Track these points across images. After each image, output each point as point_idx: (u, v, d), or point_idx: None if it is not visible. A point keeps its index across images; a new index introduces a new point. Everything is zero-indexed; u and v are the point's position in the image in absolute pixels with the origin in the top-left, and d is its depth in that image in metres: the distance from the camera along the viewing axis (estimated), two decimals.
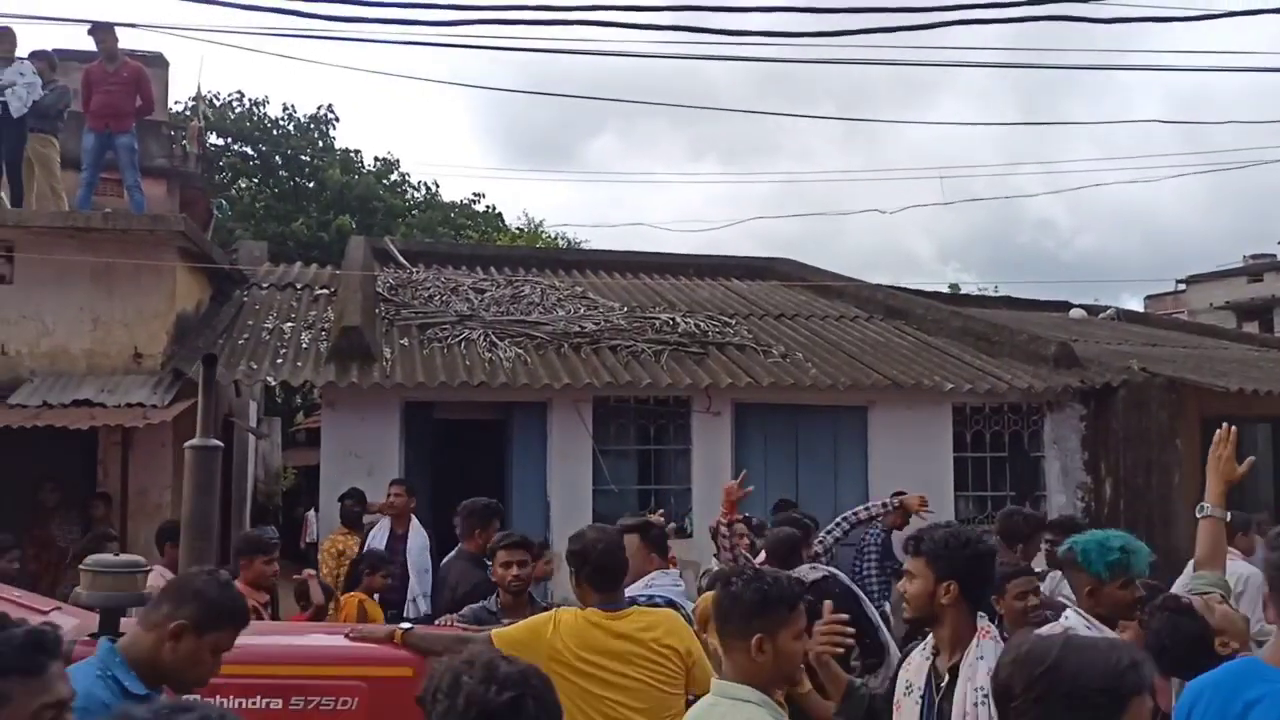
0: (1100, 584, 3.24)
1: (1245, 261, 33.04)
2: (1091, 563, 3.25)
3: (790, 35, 6.63)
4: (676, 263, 13.90)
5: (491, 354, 9.31)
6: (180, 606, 2.47)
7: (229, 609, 2.53)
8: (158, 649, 2.45)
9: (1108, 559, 3.24)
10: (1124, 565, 3.24)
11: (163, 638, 2.44)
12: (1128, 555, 3.26)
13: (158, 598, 2.58)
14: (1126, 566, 3.25)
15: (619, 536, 3.74)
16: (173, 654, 2.44)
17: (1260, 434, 11.59)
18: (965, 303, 14.49)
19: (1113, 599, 3.25)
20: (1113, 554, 3.25)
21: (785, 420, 9.59)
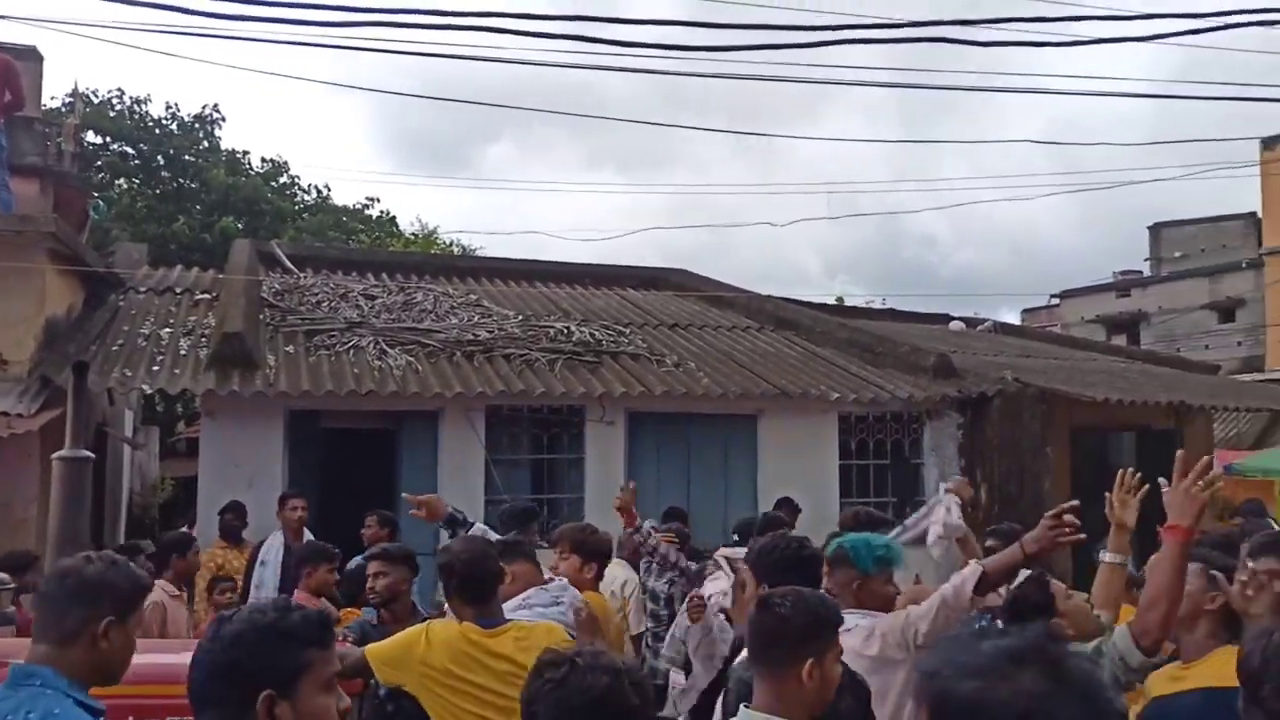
0: (867, 578, 3.43)
1: (1114, 277, 34.70)
2: (860, 559, 3.44)
3: (683, 49, 6.72)
4: (572, 272, 13.93)
5: (381, 362, 9.17)
6: (95, 605, 2.33)
7: (138, 584, 2.44)
8: (91, 655, 2.32)
9: (875, 554, 3.46)
10: (888, 561, 3.48)
11: (93, 642, 2.31)
12: (891, 552, 3.50)
13: (55, 606, 2.37)
14: (890, 562, 3.48)
15: (486, 546, 3.65)
16: (109, 652, 2.34)
17: (1125, 442, 12.22)
18: (852, 314, 14.88)
19: (879, 593, 3.47)
20: (879, 550, 3.48)
21: (677, 429, 9.70)
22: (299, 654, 1.89)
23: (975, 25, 7.35)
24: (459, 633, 3.36)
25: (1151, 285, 32.65)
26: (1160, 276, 32.59)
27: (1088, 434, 10.98)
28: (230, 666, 1.88)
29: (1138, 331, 31.59)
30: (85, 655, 2.31)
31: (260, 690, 1.84)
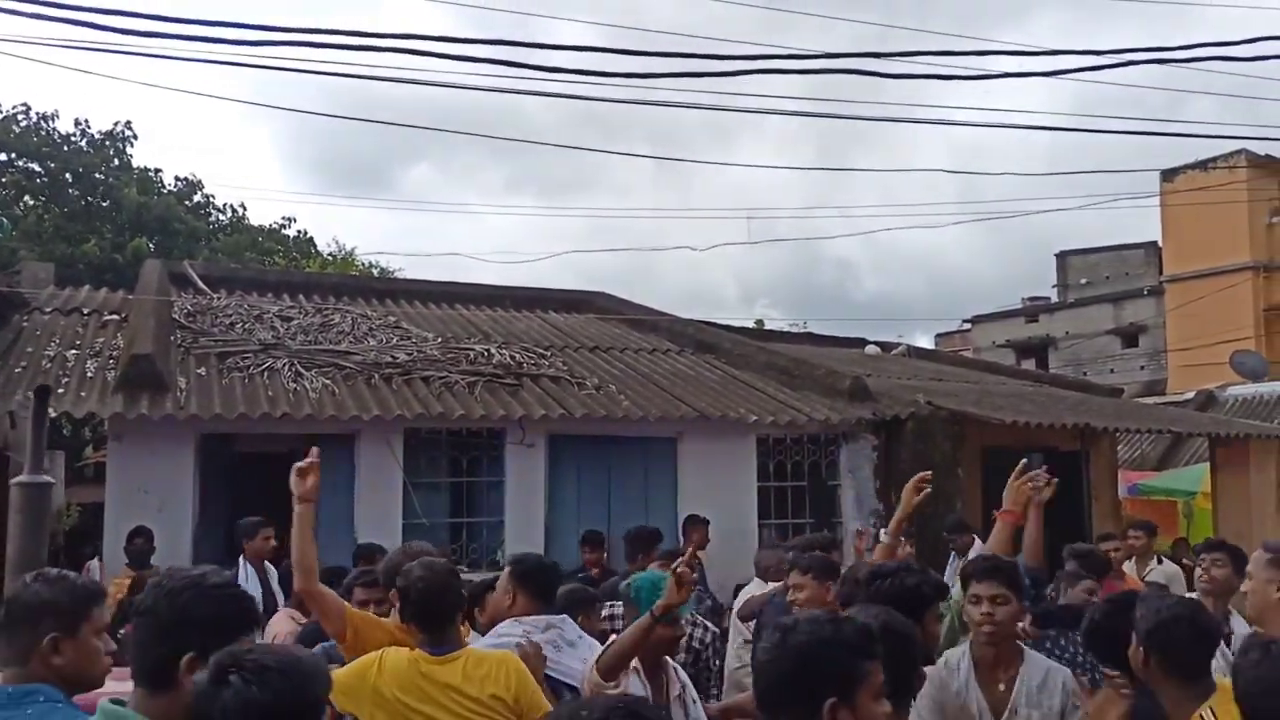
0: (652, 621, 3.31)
1: (1023, 303, 35.82)
2: (642, 601, 3.38)
3: (604, 75, 6.79)
4: (493, 294, 13.89)
5: (297, 384, 9.03)
6: (36, 625, 2.26)
7: (82, 595, 2.33)
8: (48, 672, 2.25)
9: (657, 597, 3.33)
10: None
11: (45, 660, 2.24)
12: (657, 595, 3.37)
13: (6, 631, 2.30)
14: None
15: (448, 574, 3.46)
16: (67, 666, 2.25)
17: (1034, 463, 12.58)
18: (771, 338, 15.09)
19: (658, 636, 3.35)
20: (661, 593, 3.33)
21: (598, 451, 9.72)
22: (858, 664, 2.01)
23: (888, 58, 7.59)
24: (409, 660, 3.29)
25: (1058, 311, 33.74)
26: (1067, 303, 33.70)
27: (998, 455, 11.26)
28: (798, 675, 2.00)
29: (1046, 356, 32.60)
30: (45, 675, 2.26)
31: (825, 698, 1.96)
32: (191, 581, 2.15)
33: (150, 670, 2.08)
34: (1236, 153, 26.45)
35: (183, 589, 2.13)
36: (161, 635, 2.09)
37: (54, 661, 2.26)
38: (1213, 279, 26.76)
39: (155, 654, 2.08)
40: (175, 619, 2.09)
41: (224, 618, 2.12)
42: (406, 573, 3.42)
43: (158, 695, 2.06)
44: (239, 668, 1.82)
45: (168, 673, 2.05)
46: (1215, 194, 25.96)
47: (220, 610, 2.13)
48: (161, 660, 2.06)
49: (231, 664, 1.84)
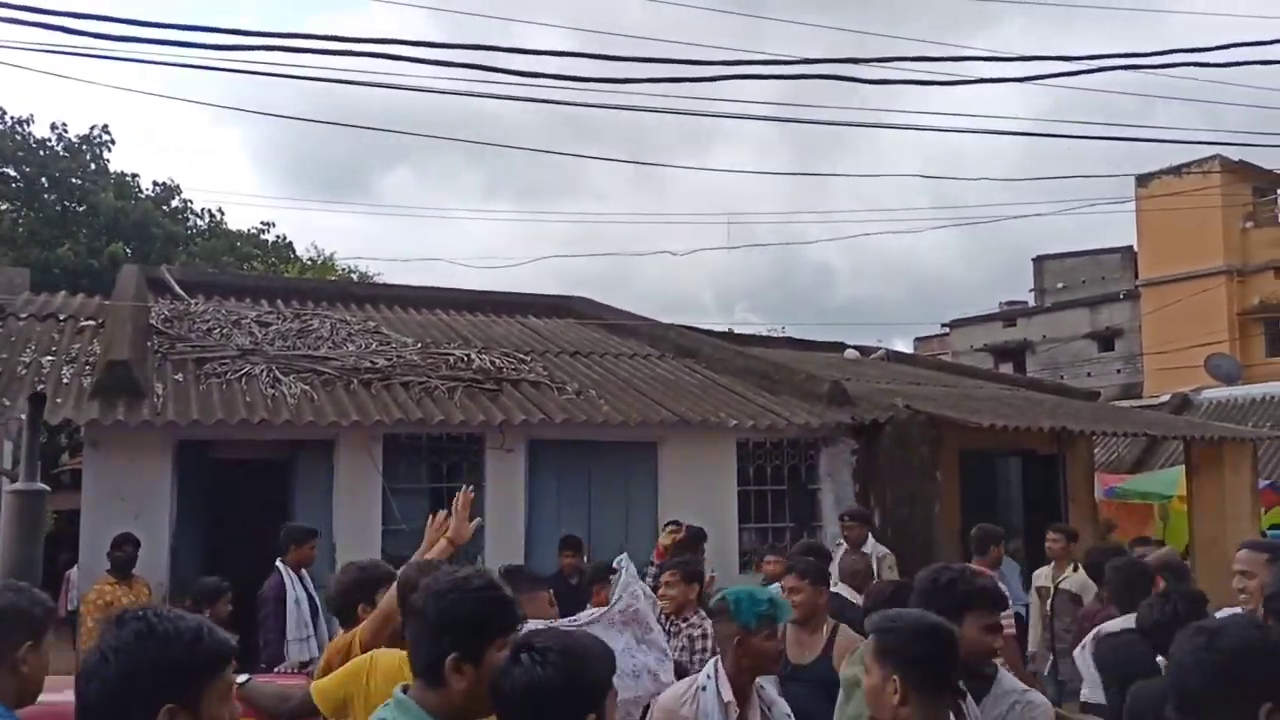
0: (748, 634, 3.32)
1: (1000, 307, 36.10)
2: (741, 613, 3.32)
3: (582, 80, 6.81)
4: (473, 299, 13.89)
5: (275, 390, 8.99)
6: (11, 634, 2.38)
7: (46, 608, 2.47)
8: (15, 681, 2.37)
9: (757, 610, 3.34)
10: (771, 617, 3.36)
11: (14, 668, 2.37)
12: (775, 608, 3.39)
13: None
14: (774, 618, 3.37)
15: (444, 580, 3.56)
16: (29, 676, 2.38)
17: (1011, 466, 12.68)
18: (750, 343, 15.13)
19: (759, 649, 3.34)
20: (762, 605, 3.35)
21: (578, 456, 9.72)
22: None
23: (864, 64, 7.63)
24: (400, 661, 3.29)
25: (1035, 315, 34.03)
26: (1044, 307, 33.99)
27: (976, 459, 11.36)
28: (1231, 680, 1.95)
29: (1023, 359, 32.85)
30: (9, 682, 2.36)
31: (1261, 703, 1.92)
32: (456, 584, 2.22)
33: (424, 667, 2.20)
34: (1210, 158, 26.78)
35: (447, 591, 2.21)
36: (429, 635, 2.19)
37: (22, 670, 2.37)
38: (1188, 283, 27.08)
39: (425, 653, 2.20)
40: (441, 620, 2.18)
41: (486, 618, 2.19)
42: (404, 571, 3.46)
43: (433, 689, 2.18)
44: (529, 649, 2.03)
45: (437, 670, 2.16)
46: (1190, 199, 26.26)
47: (482, 611, 2.20)
48: (431, 659, 2.17)
49: (524, 645, 2.05)
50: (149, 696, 1.72)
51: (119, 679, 1.73)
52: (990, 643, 2.95)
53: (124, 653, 1.74)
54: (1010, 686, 3.03)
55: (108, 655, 1.75)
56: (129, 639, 1.76)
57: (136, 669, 1.73)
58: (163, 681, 1.74)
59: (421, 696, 2.19)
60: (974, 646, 2.88)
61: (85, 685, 1.76)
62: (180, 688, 1.75)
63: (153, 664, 1.74)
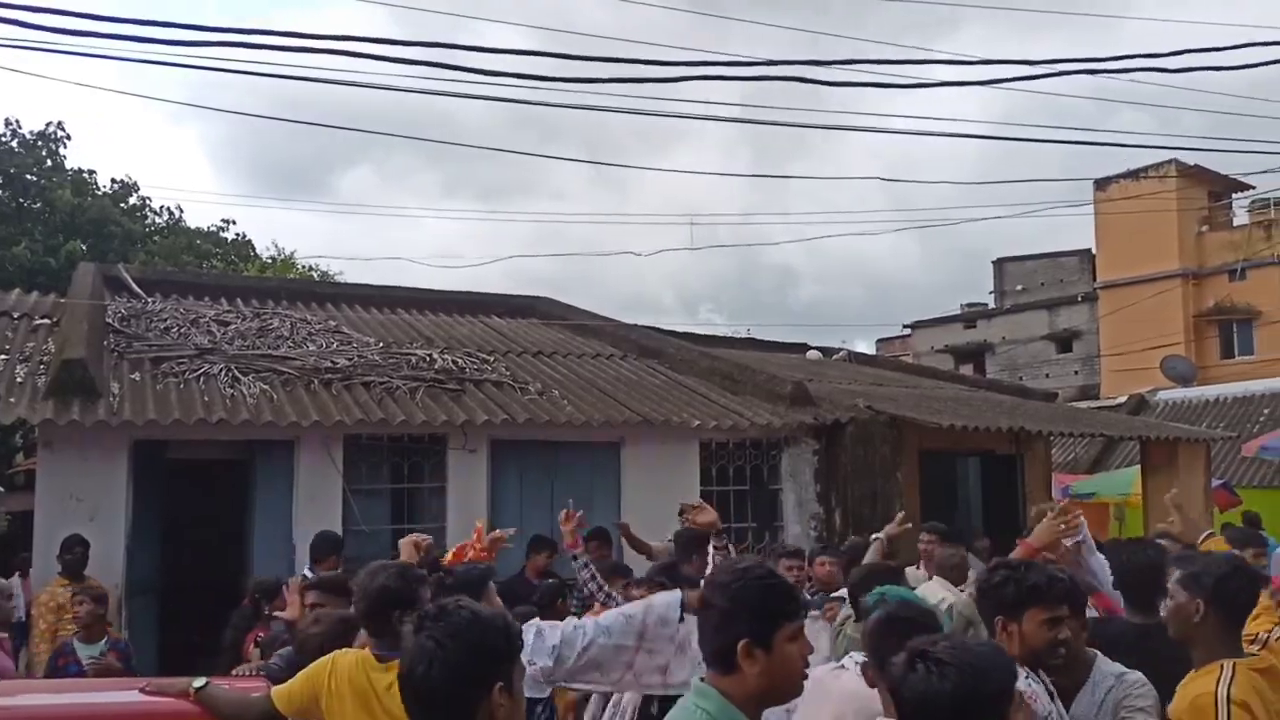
0: None
1: (961, 309, 36.50)
2: None
3: (541, 79, 6.81)
4: (435, 299, 13.82)
5: (234, 390, 8.89)
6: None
7: None
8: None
9: None
10: None
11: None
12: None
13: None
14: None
15: (403, 573, 3.51)
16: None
17: (971, 466, 12.83)
18: (713, 343, 15.19)
19: None
20: None
21: (541, 456, 9.70)
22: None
23: (827, 66, 7.69)
24: (357, 660, 3.33)
25: (995, 317, 34.44)
26: (1003, 309, 34.40)
27: (936, 458, 11.48)
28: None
29: (983, 361, 33.24)
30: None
31: None
32: (739, 574, 2.33)
33: (716, 655, 2.28)
34: (1167, 162, 27.26)
35: (732, 581, 2.31)
36: (720, 624, 2.27)
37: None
38: (1144, 286, 27.53)
39: (716, 641, 2.28)
40: (731, 608, 2.27)
41: (773, 603, 2.28)
42: (366, 571, 3.49)
43: (727, 675, 2.25)
44: (925, 658, 2.06)
45: (729, 656, 2.23)
46: (1146, 203, 26.71)
47: (765, 598, 2.28)
48: (723, 645, 2.25)
49: (920, 653, 2.09)
50: (482, 676, 1.97)
51: (455, 662, 1.96)
52: (1052, 635, 2.97)
53: (457, 639, 1.97)
54: (1109, 670, 3.12)
55: (441, 641, 1.97)
56: (461, 626, 2.00)
57: (471, 653, 1.97)
58: (492, 663, 1.99)
59: (716, 683, 2.27)
60: (1033, 641, 2.93)
61: (415, 668, 1.98)
62: (506, 669, 2.00)
63: (484, 648, 1.99)
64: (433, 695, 1.98)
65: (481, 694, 1.96)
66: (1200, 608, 3.00)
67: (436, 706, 1.98)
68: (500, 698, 1.97)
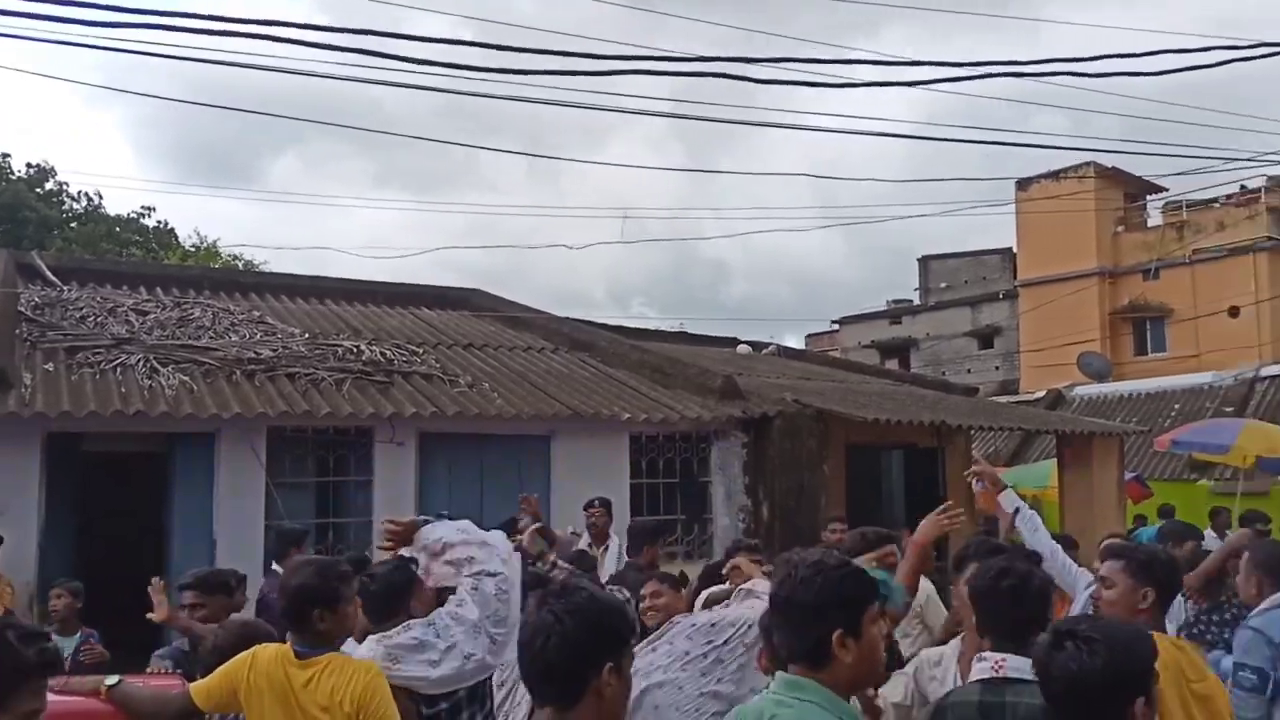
0: None
1: (887, 305, 37.13)
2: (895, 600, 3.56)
3: (473, 69, 6.75)
4: (364, 290, 13.64)
5: (152, 381, 8.68)
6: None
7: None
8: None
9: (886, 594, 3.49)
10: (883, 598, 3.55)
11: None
12: (888, 590, 3.52)
13: None
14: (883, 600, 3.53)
15: (324, 568, 3.39)
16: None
17: (894, 459, 13.07)
18: (645, 337, 15.23)
19: None
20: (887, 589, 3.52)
21: (470, 449, 9.64)
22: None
23: (757, 63, 7.76)
24: (277, 656, 3.26)
25: (920, 313, 35.09)
26: (928, 305, 35.06)
27: (862, 452, 11.67)
28: None
29: (908, 356, 33.85)
30: None
31: None
32: (820, 568, 2.38)
33: (807, 650, 2.32)
34: (1086, 164, 28.00)
35: (814, 575, 2.35)
36: (808, 619, 2.32)
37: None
38: (1062, 284, 28.26)
39: (806, 636, 2.32)
40: (818, 602, 2.31)
41: (854, 593, 2.36)
42: (285, 570, 3.47)
43: (819, 669, 2.30)
44: (1074, 636, 2.19)
45: (823, 649, 2.28)
46: (1066, 203, 27.43)
47: (850, 587, 2.36)
48: (814, 639, 2.30)
49: (1068, 632, 2.21)
50: (597, 653, 2.06)
51: (571, 638, 2.06)
52: None
53: (577, 615, 2.07)
54: None
55: (560, 617, 2.07)
56: (582, 603, 2.11)
57: (588, 630, 2.07)
58: (605, 643, 2.09)
59: (811, 676, 2.31)
60: None
61: (534, 641, 2.08)
62: (619, 650, 2.10)
63: (601, 626, 2.09)
64: (548, 668, 2.07)
65: (593, 671, 2.05)
66: (1149, 595, 3.14)
67: (551, 679, 2.08)
68: (610, 677, 2.07)
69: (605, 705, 2.08)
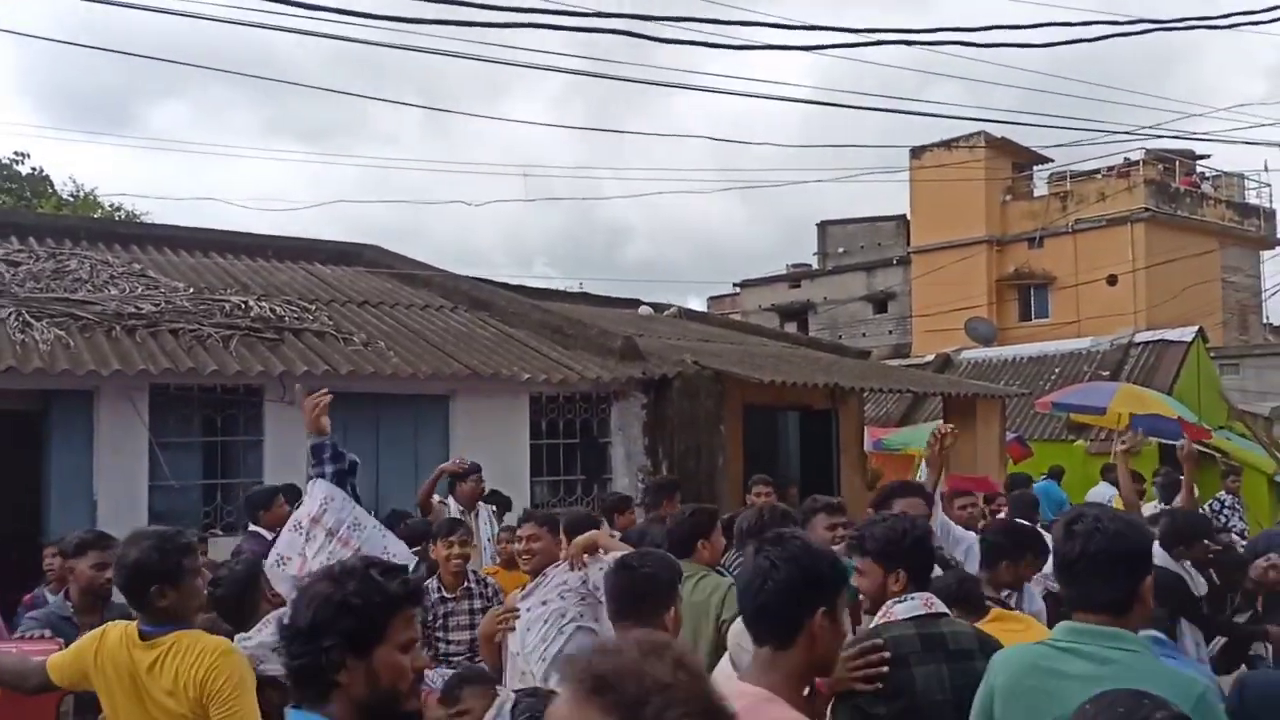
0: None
1: (787, 269, 37.62)
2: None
3: (367, 16, 6.53)
4: (252, 243, 13.18)
5: (25, 335, 8.24)
6: None
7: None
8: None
9: None
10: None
11: None
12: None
13: None
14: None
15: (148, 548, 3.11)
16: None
17: (790, 420, 13.31)
18: (546, 297, 15.13)
19: None
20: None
21: (366, 409, 9.43)
22: None
23: (655, 21, 7.70)
24: (121, 635, 3.08)
25: (818, 278, 35.66)
26: (825, 270, 35.65)
27: (759, 413, 11.84)
28: None
29: (806, 319, 34.42)
30: None
31: None
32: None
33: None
34: (976, 134, 28.71)
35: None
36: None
37: None
38: (953, 251, 29.05)
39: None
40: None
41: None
42: (122, 543, 3.27)
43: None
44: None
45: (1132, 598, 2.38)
46: (956, 171, 28.13)
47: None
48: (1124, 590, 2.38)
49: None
50: (810, 599, 2.26)
51: (788, 583, 2.26)
52: None
53: (791, 563, 2.28)
54: None
55: (776, 564, 2.28)
56: (796, 551, 2.32)
57: (802, 576, 2.27)
58: (818, 588, 2.28)
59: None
60: None
61: (755, 582, 2.30)
62: (831, 596, 2.30)
63: (814, 573, 2.29)
64: (763, 609, 2.29)
65: (807, 615, 2.24)
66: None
67: (767, 620, 2.29)
68: (823, 620, 2.26)
69: (818, 647, 2.27)
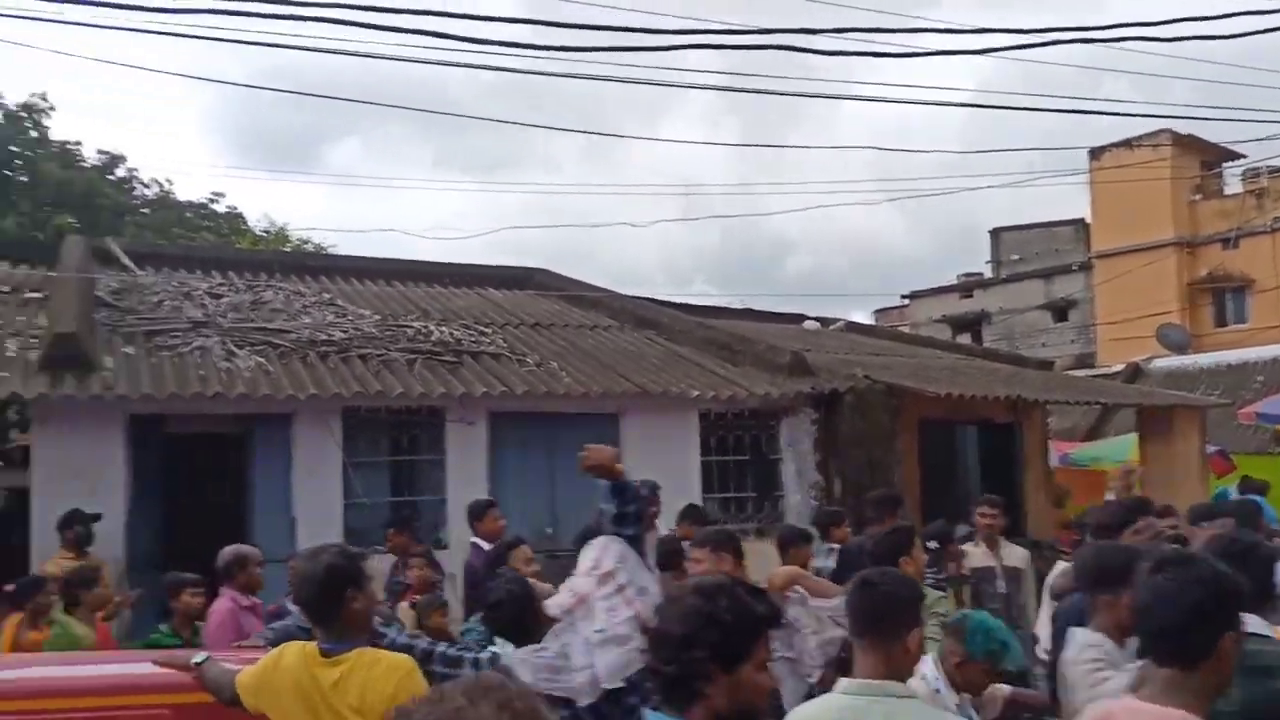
0: (969, 661, 3.59)
1: (958, 279, 36.40)
2: (974, 641, 3.60)
3: (533, 47, 6.70)
4: (430, 271, 13.72)
5: (229, 363, 8.83)
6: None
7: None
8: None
9: (989, 646, 3.61)
10: (997, 656, 3.62)
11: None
12: (1004, 649, 3.63)
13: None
14: (999, 658, 3.62)
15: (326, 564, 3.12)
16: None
17: (968, 435, 12.82)
18: (710, 314, 15.11)
19: (973, 677, 3.62)
20: (994, 644, 3.63)
21: (540, 428, 9.65)
22: None
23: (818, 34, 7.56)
24: (301, 656, 3.10)
25: (992, 287, 34.35)
26: (999, 279, 34.31)
27: (935, 428, 11.47)
28: None
29: (980, 330, 33.18)
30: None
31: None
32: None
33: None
34: (1160, 132, 27.11)
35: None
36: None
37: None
38: (1139, 255, 27.44)
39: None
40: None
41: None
42: (303, 557, 3.33)
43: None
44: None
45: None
46: (1140, 171, 26.59)
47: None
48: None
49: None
50: (1220, 622, 2.19)
51: (1198, 605, 2.19)
52: None
53: (1199, 585, 2.21)
54: None
55: (1183, 586, 2.22)
56: (1205, 573, 2.26)
57: (1212, 598, 2.20)
58: (1226, 612, 2.21)
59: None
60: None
61: (1156, 604, 2.25)
62: (1237, 619, 2.23)
63: (1223, 595, 2.22)
64: (1170, 632, 2.21)
65: (1216, 637, 2.17)
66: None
67: (1173, 641, 2.21)
68: (1229, 644, 2.19)
69: (1225, 669, 2.21)
